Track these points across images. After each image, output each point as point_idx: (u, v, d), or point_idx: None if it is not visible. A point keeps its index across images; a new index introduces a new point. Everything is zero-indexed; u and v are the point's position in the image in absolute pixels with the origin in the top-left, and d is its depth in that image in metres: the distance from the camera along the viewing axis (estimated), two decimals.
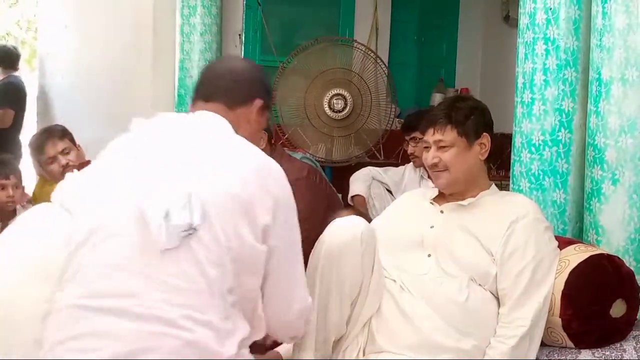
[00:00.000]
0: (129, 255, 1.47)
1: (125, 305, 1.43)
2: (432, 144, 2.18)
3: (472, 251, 2.06)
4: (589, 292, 2.05)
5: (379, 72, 4.49)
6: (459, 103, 2.21)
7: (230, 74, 1.79)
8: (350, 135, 4.43)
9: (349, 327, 2.03)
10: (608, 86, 2.25)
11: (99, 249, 1.49)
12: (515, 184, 2.57)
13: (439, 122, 2.16)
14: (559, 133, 2.46)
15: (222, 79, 1.77)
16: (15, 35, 10.50)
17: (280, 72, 4.34)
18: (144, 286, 1.44)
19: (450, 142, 2.15)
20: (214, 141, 1.63)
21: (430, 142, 2.19)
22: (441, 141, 2.15)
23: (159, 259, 1.45)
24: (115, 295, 1.44)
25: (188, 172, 1.53)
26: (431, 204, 2.24)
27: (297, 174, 2.69)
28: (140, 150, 1.63)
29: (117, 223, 1.51)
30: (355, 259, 1.96)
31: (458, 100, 2.29)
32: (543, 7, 2.46)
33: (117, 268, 1.46)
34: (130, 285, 1.45)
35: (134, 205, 1.49)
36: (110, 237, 1.49)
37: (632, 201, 2.21)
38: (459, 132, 2.14)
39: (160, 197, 1.48)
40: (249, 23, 4.90)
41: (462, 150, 2.15)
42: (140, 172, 1.57)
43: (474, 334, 1.99)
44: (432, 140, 2.18)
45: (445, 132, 2.15)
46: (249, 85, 1.80)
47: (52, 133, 3.34)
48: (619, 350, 2.04)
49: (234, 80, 1.78)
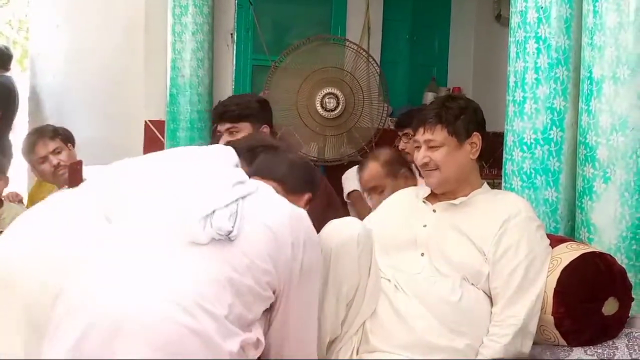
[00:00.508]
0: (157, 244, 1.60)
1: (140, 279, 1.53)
2: (422, 143, 2.19)
3: (464, 250, 2.06)
4: (581, 290, 2.05)
5: (371, 71, 4.49)
6: (449, 102, 2.21)
7: (290, 166, 2.02)
8: (343, 134, 4.42)
9: (344, 328, 2.03)
10: (599, 84, 2.25)
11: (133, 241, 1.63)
12: (507, 183, 2.57)
13: (429, 121, 2.16)
14: (551, 131, 2.46)
15: (282, 166, 1.99)
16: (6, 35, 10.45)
17: (272, 71, 4.33)
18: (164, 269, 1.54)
19: (440, 141, 2.15)
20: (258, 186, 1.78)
21: (421, 142, 2.19)
22: (431, 141, 2.15)
23: (185, 250, 1.57)
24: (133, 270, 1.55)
25: (233, 194, 1.66)
26: (424, 202, 2.24)
27: None
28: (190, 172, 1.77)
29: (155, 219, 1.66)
30: (352, 260, 1.96)
31: (448, 99, 2.29)
32: (534, 6, 2.46)
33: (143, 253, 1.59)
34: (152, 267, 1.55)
35: (175, 204, 1.65)
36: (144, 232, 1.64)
37: (624, 199, 2.22)
38: (449, 131, 2.14)
39: (208, 200, 1.62)
40: (241, 22, 4.88)
41: (452, 150, 2.15)
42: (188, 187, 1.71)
43: (467, 334, 2.00)
44: (422, 139, 2.18)
45: (435, 132, 2.15)
46: (304, 180, 2.04)
47: (42, 133, 3.34)
48: (611, 348, 2.04)
49: (292, 173, 2.00)
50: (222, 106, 2.76)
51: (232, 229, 1.58)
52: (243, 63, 4.88)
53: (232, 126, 2.69)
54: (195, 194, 1.66)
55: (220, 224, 1.57)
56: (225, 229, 1.57)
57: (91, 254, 1.64)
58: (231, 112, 2.71)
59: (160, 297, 1.48)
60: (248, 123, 2.75)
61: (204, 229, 1.57)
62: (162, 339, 1.43)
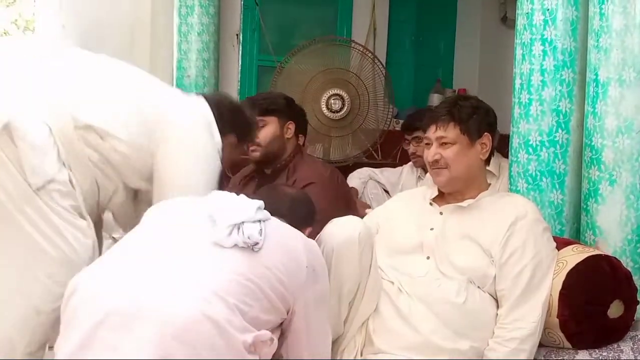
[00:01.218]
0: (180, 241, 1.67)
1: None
2: (433, 140, 2.18)
3: (470, 253, 2.06)
4: (586, 293, 2.05)
5: (376, 72, 4.48)
6: (462, 101, 2.21)
7: (292, 202, 2.05)
8: (348, 136, 4.42)
9: (346, 326, 2.03)
10: (605, 87, 2.25)
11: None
12: (512, 185, 2.57)
13: (441, 118, 2.15)
14: (556, 134, 2.46)
15: (283, 203, 2.01)
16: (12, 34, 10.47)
17: (277, 72, 4.33)
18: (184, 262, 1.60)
19: (452, 139, 2.14)
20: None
21: (432, 139, 2.18)
22: (443, 137, 2.15)
23: (207, 249, 1.63)
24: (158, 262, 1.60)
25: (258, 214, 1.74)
26: (430, 204, 2.24)
27: (322, 172, 2.79)
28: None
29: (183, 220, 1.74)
30: (354, 259, 1.96)
31: (461, 98, 2.29)
32: (540, 8, 2.46)
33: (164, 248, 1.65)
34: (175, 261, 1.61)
35: (206, 210, 1.72)
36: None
37: (630, 202, 2.21)
38: (461, 129, 2.14)
39: (238, 212, 1.70)
40: (247, 23, 4.89)
41: (463, 148, 2.15)
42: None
43: (472, 336, 2.00)
44: (434, 137, 2.17)
45: (447, 129, 2.14)
46: (305, 216, 2.06)
47: None
48: (616, 351, 2.04)
49: (295, 210, 2.01)
50: (250, 100, 2.78)
51: (260, 241, 1.65)
52: (249, 64, 4.90)
53: (259, 119, 2.70)
54: (226, 206, 1.73)
55: (251, 233, 1.65)
56: (255, 238, 1.64)
57: (111, 250, 1.70)
58: (259, 106, 2.73)
59: (178, 286, 1.52)
60: (275, 117, 2.78)
61: (230, 235, 1.64)
62: (177, 323, 1.46)
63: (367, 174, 3.79)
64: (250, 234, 1.64)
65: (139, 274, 1.57)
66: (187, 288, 1.52)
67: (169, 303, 1.49)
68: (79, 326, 1.50)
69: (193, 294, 1.51)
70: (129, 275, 1.57)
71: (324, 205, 2.41)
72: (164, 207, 1.86)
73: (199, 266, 1.60)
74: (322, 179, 2.72)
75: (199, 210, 1.75)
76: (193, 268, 1.59)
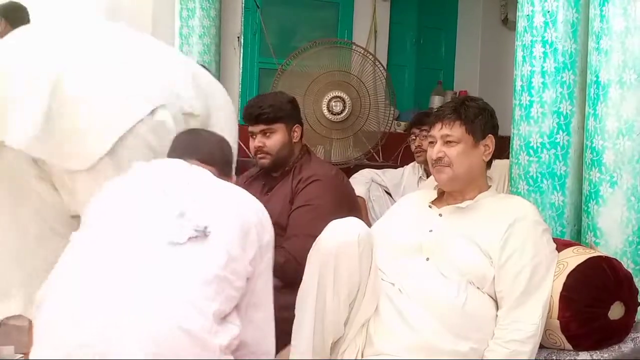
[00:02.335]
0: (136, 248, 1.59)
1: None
2: (438, 138, 2.18)
3: (470, 254, 2.06)
4: (587, 295, 2.05)
5: (377, 74, 4.49)
6: (470, 102, 2.21)
7: (220, 148, 2.03)
8: (349, 138, 4.43)
9: (346, 328, 2.03)
10: (606, 89, 2.25)
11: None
12: (513, 187, 2.57)
13: (447, 116, 2.16)
14: (557, 135, 2.46)
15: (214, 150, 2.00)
16: None
17: (278, 74, 4.33)
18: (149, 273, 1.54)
19: (457, 137, 2.14)
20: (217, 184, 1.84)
21: (437, 137, 2.18)
22: (449, 136, 2.15)
23: (166, 251, 1.58)
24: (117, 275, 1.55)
25: (203, 198, 1.72)
26: (429, 207, 2.24)
27: (327, 171, 2.78)
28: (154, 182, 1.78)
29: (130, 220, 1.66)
30: (353, 260, 1.97)
31: (469, 99, 2.29)
32: (541, 10, 2.47)
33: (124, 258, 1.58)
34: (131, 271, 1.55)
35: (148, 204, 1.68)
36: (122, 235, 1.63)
37: (630, 203, 2.22)
38: (467, 129, 2.14)
39: (177, 201, 1.67)
40: (248, 25, 4.90)
41: (468, 148, 2.15)
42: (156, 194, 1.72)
43: (472, 337, 2.00)
44: (439, 134, 2.17)
45: (453, 127, 2.15)
46: (231, 162, 2.07)
47: None
48: (617, 352, 2.04)
49: (222, 156, 2.01)
50: (257, 108, 2.75)
51: (207, 224, 1.62)
52: (250, 66, 4.91)
53: (267, 128, 2.69)
54: (165, 191, 1.70)
55: (196, 220, 1.62)
56: (201, 224, 1.61)
57: (68, 261, 1.62)
58: (267, 115, 2.71)
59: (148, 306, 1.48)
60: (282, 124, 2.76)
61: (181, 228, 1.60)
62: (154, 339, 1.44)
63: (369, 175, 3.78)
64: (196, 223, 1.61)
65: (103, 299, 1.50)
66: (157, 305, 1.48)
67: (142, 327, 1.45)
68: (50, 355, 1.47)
69: (165, 311, 1.47)
70: (93, 303, 1.50)
71: (327, 200, 2.41)
72: (106, 200, 1.76)
73: (162, 276, 1.54)
74: (327, 176, 2.71)
75: (143, 198, 1.70)
76: (157, 280, 1.53)
